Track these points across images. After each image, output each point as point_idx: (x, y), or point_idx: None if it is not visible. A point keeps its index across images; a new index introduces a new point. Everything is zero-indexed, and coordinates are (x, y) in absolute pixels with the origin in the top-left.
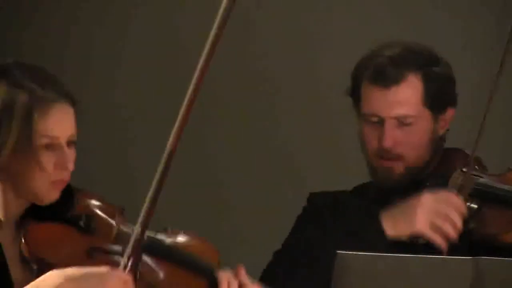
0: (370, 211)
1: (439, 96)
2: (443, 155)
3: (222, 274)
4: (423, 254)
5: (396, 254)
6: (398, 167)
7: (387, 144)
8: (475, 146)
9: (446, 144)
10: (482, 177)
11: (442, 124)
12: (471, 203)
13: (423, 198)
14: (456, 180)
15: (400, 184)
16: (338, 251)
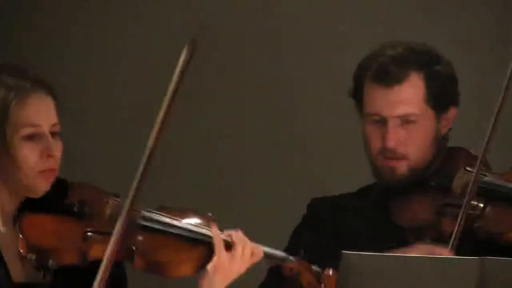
0: None
1: (442, 95)
2: (446, 154)
3: (216, 236)
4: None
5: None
6: (402, 167)
7: (390, 143)
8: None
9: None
10: (486, 175)
11: (444, 123)
12: (476, 201)
13: (416, 250)
14: (460, 179)
15: (404, 184)
16: (343, 251)
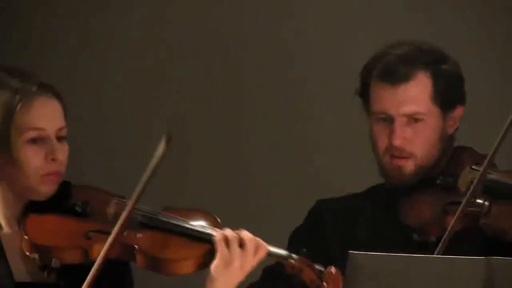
0: None
1: (448, 93)
2: (452, 153)
3: (218, 235)
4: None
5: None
6: (408, 165)
7: (397, 141)
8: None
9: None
10: (492, 173)
11: (451, 122)
12: (482, 199)
13: None
14: (466, 178)
15: (411, 183)
16: (350, 251)
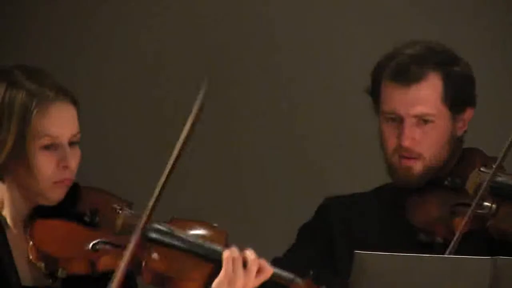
0: None
1: (459, 95)
2: (461, 155)
3: (226, 252)
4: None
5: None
6: (417, 166)
7: (406, 142)
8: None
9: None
10: (500, 176)
11: (461, 124)
12: (489, 202)
13: None
14: (474, 180)
15: (419, 184)
16: (356, 251)
